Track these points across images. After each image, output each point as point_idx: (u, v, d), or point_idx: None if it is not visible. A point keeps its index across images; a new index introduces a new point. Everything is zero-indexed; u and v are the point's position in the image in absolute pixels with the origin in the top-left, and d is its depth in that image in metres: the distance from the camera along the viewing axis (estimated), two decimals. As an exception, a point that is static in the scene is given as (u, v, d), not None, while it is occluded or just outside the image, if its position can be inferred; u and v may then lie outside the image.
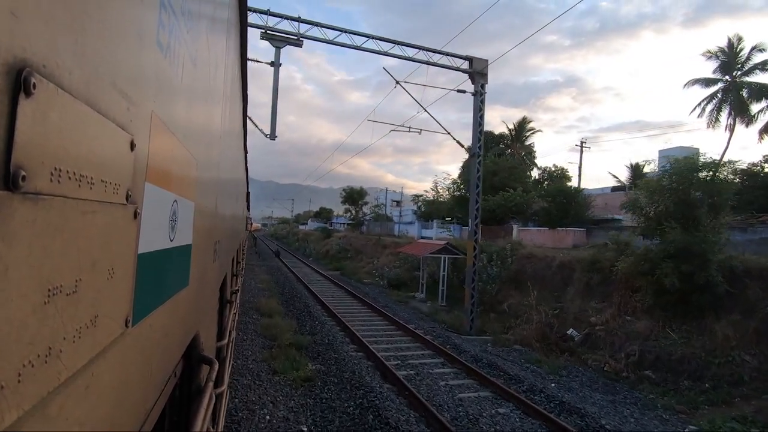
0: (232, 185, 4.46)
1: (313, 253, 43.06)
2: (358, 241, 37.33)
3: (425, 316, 15.98)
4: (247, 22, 3.94)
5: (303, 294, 18.31)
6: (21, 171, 0.41)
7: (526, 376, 9.07)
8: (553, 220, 23.04)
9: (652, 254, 10.72)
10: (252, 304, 15.79)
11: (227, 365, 3.31)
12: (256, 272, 26.25)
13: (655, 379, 9.69)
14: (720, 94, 31.30)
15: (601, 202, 26.55)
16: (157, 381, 1.02)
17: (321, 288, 20.59)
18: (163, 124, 0.95)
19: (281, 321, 12.80)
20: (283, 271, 27.04)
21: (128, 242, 0.77)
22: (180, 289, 1.26)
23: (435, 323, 14.70)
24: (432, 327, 13.55)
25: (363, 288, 22.05)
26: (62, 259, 0.51)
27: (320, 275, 26.19)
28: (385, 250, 31.85)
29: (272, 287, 20.53)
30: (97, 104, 0.58)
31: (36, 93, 0.43)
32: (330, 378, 8.38)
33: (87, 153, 0.56)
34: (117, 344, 0.71)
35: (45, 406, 0.48)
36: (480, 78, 13.84)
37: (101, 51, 0.59)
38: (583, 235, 22.28)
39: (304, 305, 15.59)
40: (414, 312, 16.44)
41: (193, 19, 1.25)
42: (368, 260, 31.66)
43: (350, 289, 20.35)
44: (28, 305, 0.44)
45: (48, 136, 0.47)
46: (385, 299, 18.78)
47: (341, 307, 15.62)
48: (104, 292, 0.65)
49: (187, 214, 1.32)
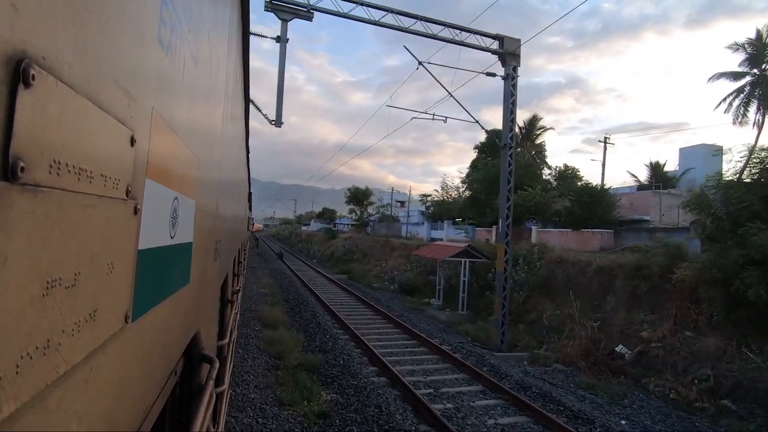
0: (234, 185, 4.36)
1: (317, 255, 41.45)
2: (365, 243, 35.76)
3: (446, 327, 14.37)
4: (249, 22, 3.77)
5: (309, 301, 16.73)
6: (20, 162, 0.41)
7: (585, 408, 7.45)
8: (578, 221, 21.40)
9: (726, 261, 9.10)
10: (254, 312, 14.22)
11: (228, 365, 3.29)
12: (259, 275, 24.70)
13: (737, 411, 8.06)
14: (748, 87, 29.61)
15: (626, 202, 24.90)
16: (157, 378, 1.01)
17: (328, 294, 19.01)
18: (164, 121, 0.95)
19: (287, 334, 11.23)
20: (287, 275, 25.48)
21: (128, 237, 0.76)
22: (181, 286, 1.25)
23: (459, 336, 13.09)
24: (458, 341, 11.93)
25: (373, 293, 20.47)
26: (61, 251, 0.51)
27: (326, 279, 24.62)
28: (393, 252, 30.27)
29: (276, 292, 18.98)
30: (97, 99, 0.58)
31: (35, 85, 0.43)
32: (350, 414, 6.77)
33: (86, 147, 0.56)
34: (116, 339, 0.71)
35: (43, 398, 0.48)
36: (511, 59, 12.26)
37: (101, 46, 0.60)
38: (610, 237, 20.67)
39: (312, 314, 14.02)
40: (433, 322, 14.83)
41: (194, 18, 1.25)
42: (376, 263, 30.08)
43: (360, 294, 18.77)
44: (26, 296, 0.44)
45: (47, 128, 0.47)
46: (398, 306, 17.20)
47: (353, 317, 14.03)
48: (103, 286, 0.65)
49: (188, 212, 1.32)
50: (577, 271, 14.89)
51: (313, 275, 26.44)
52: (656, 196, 23.99)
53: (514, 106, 12.30)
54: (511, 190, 12.34)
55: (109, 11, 0.62)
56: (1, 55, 0.39)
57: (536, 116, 49.99)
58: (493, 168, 30.21)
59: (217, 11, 1.82)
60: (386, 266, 27.99)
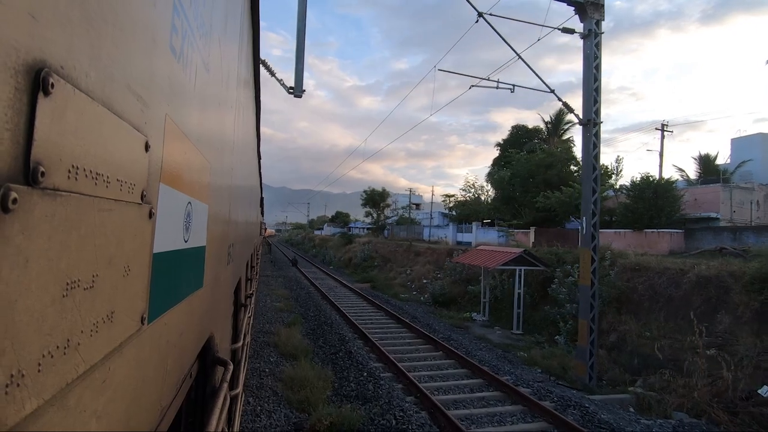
0: (246, 189, 4.37)
1: (333, 261, 38.66)
2: (386, 248, 33.04)
3: (504, 352, 11.57)
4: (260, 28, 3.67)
5: (333, 318, 14.10)
6: (40, 167, 0.43)
7: None
8: (640, 220, 18.39)
9: None
10: (268, 336, 11.65)
11: (242, 368, 3.25)
12: (272, 285, 22.17)
13: None
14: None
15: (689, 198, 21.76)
16: (173, 380, 1.01)
17: (353, 308, 16.37)
18: (177, 127, 0.96)
19: (311, 370, 8.59)
20: (303, 284, 22.93)
21: (143, 241, 0.77)
22: (195, 290, 1.26)
23: (527, 367, 10.30)
24: (534, 378, 9.15)
25: (403, 306, 17.75)
26: (79, 254, 0.52)
27: (347, 289, 21.98)
28: (418, 257, 27.56)
29: (292, 306, 16.41)
30: (112, 105, 0.60)
31: (54, 93, 0.44)
32: None
33: (103, 152, 0.58)
34: (133, 341, 0.71)
35: (63, 396, 0.48)
36: (594, 11, 9.51)
37: (116, 54, 0.61)
38: (680, 238, 17.66)
39: (339, 338, 11.37)
40: (486, 346, 12.04)
41: (205, 25, 1.25)
42: (399, 269, 27.38)
43: (389, 308, 16.09)
44: (47, 297, 0.45)
45: (65, 134, 0.48)
46: (437, 324, 14.46)
47: (389, 341, 11.36)
48: (120, 288, 0.65)
49: (201, 216, 1.32)
50: (666, 282, 11.97)
51: (332, 284, 23.84)
52: (726, 190, 20.86)
53: (598, 71, 9.53)
54: (598, 179, 9.54)
55: (123, 20, 0.63)
56: (21, 65, 0.40)
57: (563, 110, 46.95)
58: (528, 162, 27.33)
59: (228, 18, 1.84)
60: (412, 273, 25.29)
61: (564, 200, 21.47)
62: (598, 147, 9.51)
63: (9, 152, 0.39)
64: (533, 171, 26.01)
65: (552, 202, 21.79)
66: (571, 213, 22.58)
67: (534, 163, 26.33)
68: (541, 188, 24.69)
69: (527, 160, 27.82)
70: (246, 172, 4.09)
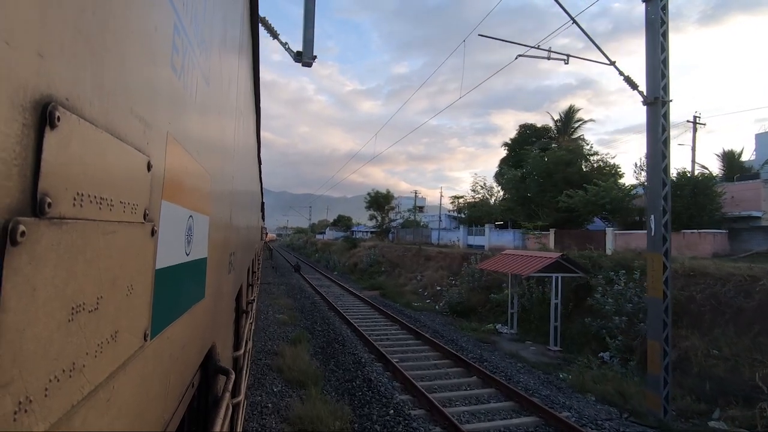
0: (247, 196, 4.41)
1: (338, 267, 36.70)
2: (393, 252, 31.34)
3: (544, 374, 9.91)
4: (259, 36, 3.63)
5: (343, 332, 12.48)
6: (47, 198, 0.44)
7: None
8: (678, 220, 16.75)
9: None
10: (271, 357, 10.04)
11: (244, 375, 3.32)
12: (275, 294, 20.54)
13: None
14: None
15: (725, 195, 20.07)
16: (175, 392, 1.02)
17: (365, 320, 14.74)
18: (178, 143, 0.96)
19: (323, 406, 6.97)
20: (308, 293, 21.30)
21: (146, 259, 0.77)
22: (196, 301, 1.26)
23: (580, 396, 8.63)
24: (596, 413, 7.50)
25: (418, 317, 16.12)
26: (85, 278, 0.53)
27: (355, 297, 20.33)
28: (429, 262, 25.89)
29: (297, 319, 14.81)
30: (115, 130, 0.60)
31: (60, 125, 0.45)
32: None
33: (107, 176, 0.58)
34: (136, 357, 0.72)
35: (69, 418, 0.49)
36: (659, -31, 7.94)
37: (118, 80, 0.61)
38: (724, 239, 16.04)
39: (354, 360, 9.75)
40: (524, 367, 10.39)
41: (205, 40, 1.25)
42: (409, 275, 25.71)
43: (404, 320, 14.47)
44: (53, 323, 0.46)
45: (71, 163, 0.49)
46: (461, 338, 12.82)
47: (413, 363, 9.72)
48: (124, 307, 0.66)
49: (203, 228, 1.33)
50: (733, 290, 10.33)
51: (338, 292, 22.18)
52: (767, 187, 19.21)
53: (665, 38, 7.95)
54: (667, 169, 7.91)
55: (125, 46, 0.63)
56: (29, 102, 0.41)
57: (574, 107, 45.35)
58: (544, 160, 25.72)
59: (227, 30, 1.84)
60: (423, 280, 23.64)
61: (589, 199, 19.84)
62: (667, 130, 7.90)
63: (17, 187, 0.40)
64: (551, 169, 24.40)
65: (575, 202, 20.16)
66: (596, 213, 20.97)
67: (551, 161, 24.73)
68: (561, 187, 23.09)
69: (543, 157, 26.23)
70: (247, 178, 4.04)
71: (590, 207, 19.96)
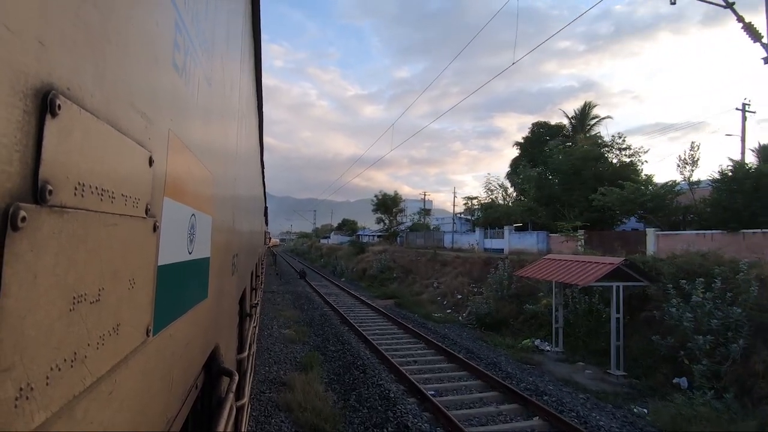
0: (250, 200, 4.42)
1: (346, 273, 34.52)
2: (404, 257, 29.39)
3: (614, 407, 7.97)
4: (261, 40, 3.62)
5: (361, 353, 10.59)
6: (48, 185, 0.44)
7: None
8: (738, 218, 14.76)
9: None
10: (277, 389, 8.16)
11: (248, 378, 3.31)
12: (279, 304, 18.71)
13: None
14: None
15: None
16: (178, 391, 1.02)
17: (384, 336, 12.84)
18: (180, 141, 0.97)
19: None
20: (316, 302, 19.42)
21: (148, 254, 0.78)
22: (199, 301, 1.26)
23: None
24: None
25: (444, 332, 14.16)
26: (86, 268, 0.53)
27: (368, 308, 18.41)
28: (445, 268, 23.99)
29: (306, 336, 12.93)
30: (117, 123, 0.61)
31: (60, 113, 0.46)
32: None
33: (108, 169, 0.59)
34: (139, 353, 0.72)
35: (71, 409, 0.49)
36: None
37: (120, 73, 0.62)
38: (793, 240, 14.06)
39: (379, 391, 7.84)
40: (588, 398, 8.44)
41: (207, 40, 1.27)
42: (425, 282, 23.78)
43: (429, 335, 12.59)
44: (54, 311, 0.46)
45: (71, 153, 0.49)
46: (498, 358, 10.91)
47: (455, 397, 7.81)
48: (126, 301, 0.66)
49: (205, 227, 1.33)
50: None
51: (349, 302, 20.27)
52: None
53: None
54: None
55: (127, 40, 0.64)
56: (30, 89, 0.41)
57: (590, 104, 43.48)
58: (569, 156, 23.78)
59: (229, 32, 1.85)
60: (441, 287, 21.74)
61: (627, 197, 17.89)
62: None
63: (18, 172, 0.40)
64: (578, 165, 22.48)
65: (612, 200, 18.22)
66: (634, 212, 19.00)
67: (578, 156, 22.82)
68: (591, 184, 21.16)
69: (568, 153, 24.31)
70: (249, 181, 4.08)
71: (628, 205, 18.01)
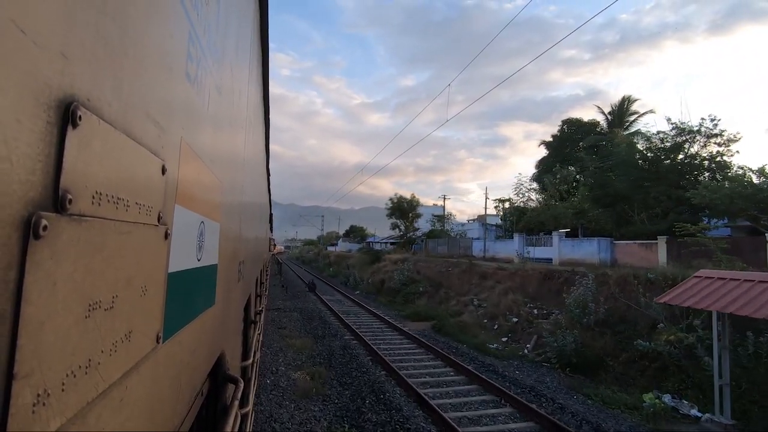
0: (256, 206, 4.47)
1: (360, 285, 30.00)
2: (431, 268, 25.15)
3: None
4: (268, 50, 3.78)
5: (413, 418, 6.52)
6: (68, 195, 0.45)
7: None
8: None
9: None
10: None
11: (252, 385, 3.30)
12: (287, 327, 14.56)
13: None
14: None
15: None
16: (185, 398, 1.02)
17: (438, 386, 8.74)
18: (191, 149, 0.99)
19: None
20: (332, 325, 15.26)
21: (159, 261, 0.78)
22: (207, 307, 1.27)
23: None
24: None
25: (511, 373, 10.05)
26: (101, 276, 0.54)
27: (401, 334, 14.14)
28: (485, 281, 19.72)
29: (325, 383, 8.84)
30: (132, 132, 0.62)
31: (81, 124, 0.47)
32: None
33: (123, 177, 0.60)
34: (149, 359, 0.72)
35: (84, 415, 0.49)
36: None
37: (136, 84, 0.63)
38: None
39: None
40: None
41: (218, 50, 1.29)
42: (461, 298, 19.44)
43: (504, 385, 8.50)
44: (71, 318, 0.47)
45: (90, 162, 0.50)
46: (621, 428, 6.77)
47: None
48: (138, 308, 0.67)
49: (213, 234, 1.35)
50: None
51: (374, 324, 16.00)
52: None
53: None
54: None
55: (143, 52, 0.65)
56: (53, 100, 0.43)
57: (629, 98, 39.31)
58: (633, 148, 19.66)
59: (239, 42, 1.87)
60: (486, 306, 17.42)
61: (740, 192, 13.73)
62: None
63: (40, 182, 0.42)
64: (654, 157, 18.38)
65: (720, 197, 14.08)
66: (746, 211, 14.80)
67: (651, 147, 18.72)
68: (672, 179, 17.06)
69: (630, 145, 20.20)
70: (256, 188, 4.16)
71: (740, 203, 13.85)
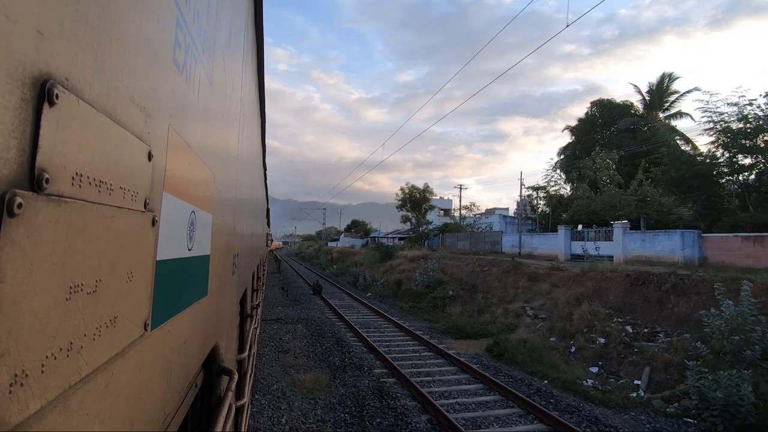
0: (251, 200, 4.47)
1: (372, 286, 25.56)
2: (461, 267, 20.87)
3: None
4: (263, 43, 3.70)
5: None
6: (45, 174, 0.44)
7: None
8: None
9: None
10: None
11: (248, 378, 3.33)
12: (290, 350, 10.67)
13: None
14: None
15: None
16: (177, 388, 1.01)
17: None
18: (180, 137, 0.97)
19: None
20: (351, 347, 11.26)
21: (147, 248, 0.77)
22: (199, 298, 1.25)
23: None
24: None
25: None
26: (83, 259, 0.53)
27: (448, 362, 10.26)
28: (537, 285, 15.82)
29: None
30: (116, 116, 0.61)
31: (58, 103, 0.46)
32: None
33: (106, 161, 0.59)
34: (136, 346, 0.71)
35: (66, 398, 0.49)
36: None
37: (120, 67, 0.62)
38: None
39: None
40: None
41: (209, 40, 1.28)
42: (508, 306, 15.41)
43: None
44: (51, 300, 0.46)
45: (69, 143, 0.49)
46: None
47: None
48: (123, 294, 0.66)
49: (205, 225, 1.33)
50: None
51: (406, 345, 11.90)
52: None
53: None
54: None
55: (126, 35, 0.64)
56: (28, 77, 0.42)
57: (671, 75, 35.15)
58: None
59: (231, 33, 1.86)
60: (542, 315, 13.56)
61: None
62: None
63: (15, 159, 0.41)
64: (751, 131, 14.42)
65: None
66: None
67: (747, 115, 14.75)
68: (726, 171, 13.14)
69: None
70: (251, 183, 4.14)
71: None
